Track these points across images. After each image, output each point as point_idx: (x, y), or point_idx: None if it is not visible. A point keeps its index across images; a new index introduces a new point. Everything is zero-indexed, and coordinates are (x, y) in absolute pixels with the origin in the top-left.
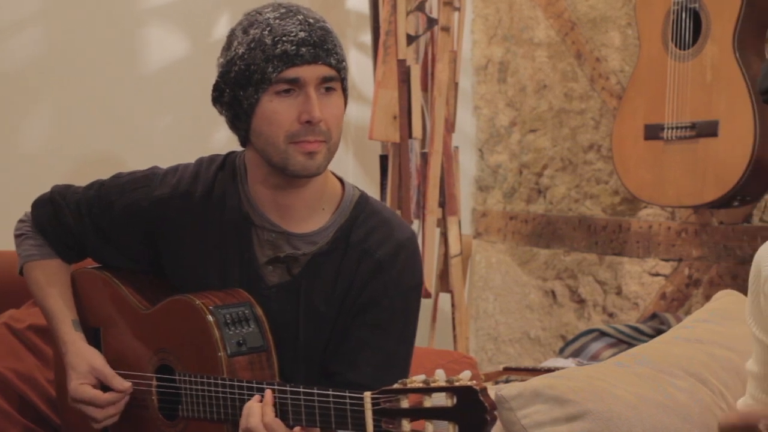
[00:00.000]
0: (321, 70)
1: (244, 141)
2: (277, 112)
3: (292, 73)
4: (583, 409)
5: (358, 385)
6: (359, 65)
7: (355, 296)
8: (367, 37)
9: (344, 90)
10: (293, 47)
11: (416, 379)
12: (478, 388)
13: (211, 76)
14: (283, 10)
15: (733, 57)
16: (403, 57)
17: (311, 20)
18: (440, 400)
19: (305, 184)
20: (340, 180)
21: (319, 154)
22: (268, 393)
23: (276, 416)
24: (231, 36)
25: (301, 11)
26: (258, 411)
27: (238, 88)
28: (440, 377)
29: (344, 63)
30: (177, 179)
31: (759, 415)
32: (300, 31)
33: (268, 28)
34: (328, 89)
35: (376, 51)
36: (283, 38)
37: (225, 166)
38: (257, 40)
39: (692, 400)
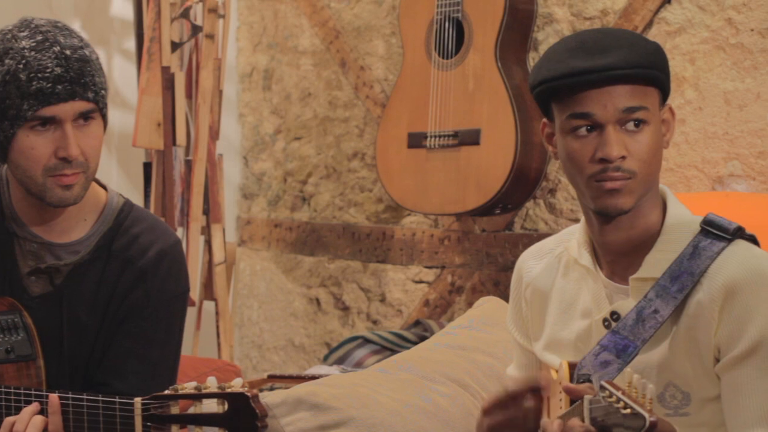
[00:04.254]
0: (78, 106)
1: (2, 161)
2: (33, 147)
3: (48, 111)
4: (347, 415)
5: (124, 395)
6: (123, 72)
7: (118, 305)
8: (131, 44)
9: (104, 116)
10: (49, 85)
11: (188, 386)
12: (249, 395)
13: None
14: (39, 38)
15: (495, 66)
16: (167, 64)
17: (68, 51)
18: (211, 406)
19: None
20: (105, 187)
21: (76, 185)
22: (55, 400)
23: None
24: None
25: (58, 40)
26: (40, 423)
27: None
28: (212, 384)
29: (103, 91)
30: None
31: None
32: (56, 66)
33: (23, 62)
34: (86, 119)
35: (140, 58)
36: (39, 75)
37: None
38: (12, 73)
39: (454, 406)
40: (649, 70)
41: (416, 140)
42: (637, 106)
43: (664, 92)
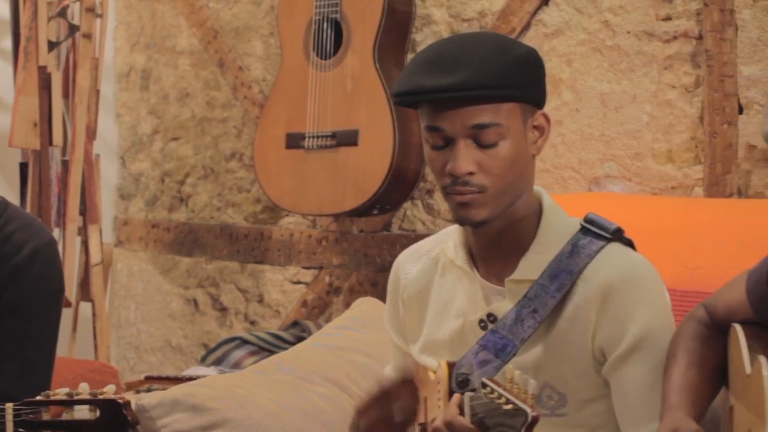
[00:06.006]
0: None
1: None
2: None
3: None
4: (224, 417)
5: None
6: None
7: None
8: (7, 43)
9: None
10: None
11: (60, 392)
12: (121, 401)
13: None
14: None
15: (374, 67)
16: (44, 63)
17: None
18: (84, 412)
19: None
20: None
21: None
22: None
23: None
24: None
25: None
26: None
27: None
28: (84, 390)
29: None
30: None
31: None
32: None
33: None
34: None
35: (16, 57)
36: None
37: None
38: None
39: (332, 407)
40: (498, 90)
41: (294, 141)
42: (488, 123)
43: (534, 101)
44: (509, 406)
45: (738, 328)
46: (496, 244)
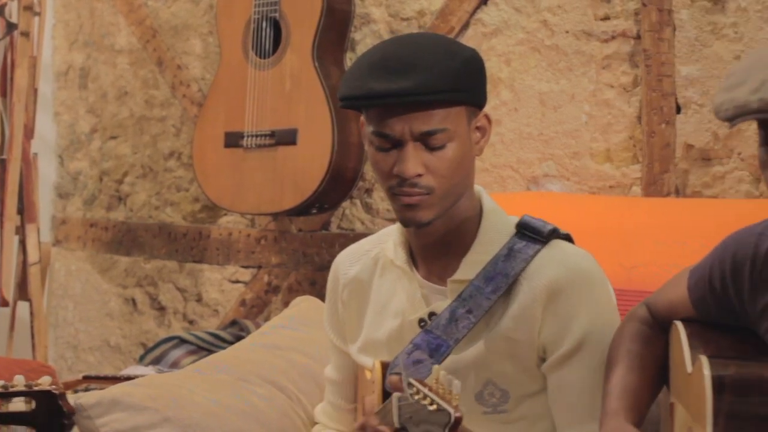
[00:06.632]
0: None
1: None
2: None
3: None
4: (162, 416)
5: None
6: None
7: None
8: None
9: None
10: None
11: None
12: (57, 392)
13: None
14: None
15: (313, 66)
16: None
17: None
18: (19, 405)
19: None
20: None
21: None
22: None
23: None
24: None
25: None
26: None
27: None
28: (19, 382)
29: None
30: None
31: None
32: None
33: None
34: None
35: None
36: None
37: None
38: None
39: (270, 407)
40: (450, 93)
41: (233, 140)
42: (436, 129)
43: (478, 103)
44: (433, 407)
45: (679, 326)
46: (438, 245)
